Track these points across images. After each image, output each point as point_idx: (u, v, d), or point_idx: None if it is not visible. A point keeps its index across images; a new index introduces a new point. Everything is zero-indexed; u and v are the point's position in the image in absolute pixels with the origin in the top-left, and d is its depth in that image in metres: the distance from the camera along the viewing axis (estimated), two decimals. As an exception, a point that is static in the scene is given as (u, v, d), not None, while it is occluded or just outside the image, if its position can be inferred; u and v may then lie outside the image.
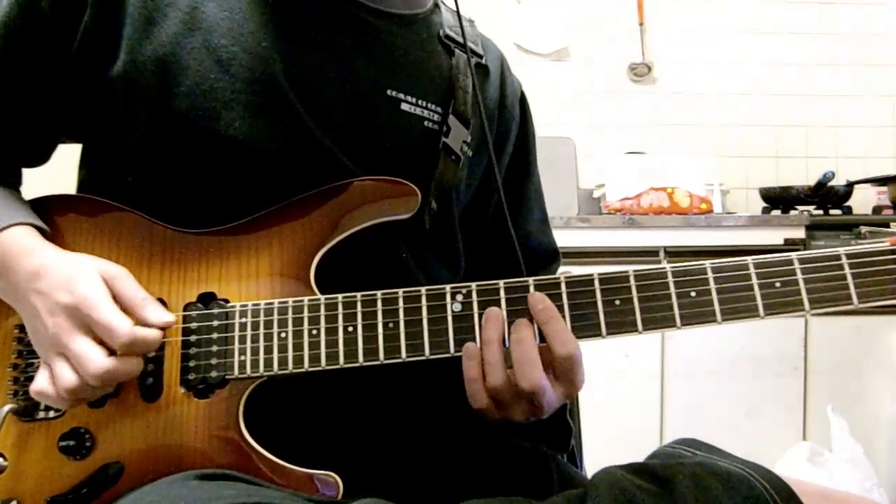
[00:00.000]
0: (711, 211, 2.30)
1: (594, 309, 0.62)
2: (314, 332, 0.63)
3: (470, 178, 0.81)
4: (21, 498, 0.62)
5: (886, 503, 1.98)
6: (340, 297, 0.64)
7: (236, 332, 0.64)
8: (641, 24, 2.79)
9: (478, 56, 0.83)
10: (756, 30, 2.81)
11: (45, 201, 0.70)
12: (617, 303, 0.61)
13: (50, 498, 0.62)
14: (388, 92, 0.73)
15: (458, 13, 0.81)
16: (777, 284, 0.60)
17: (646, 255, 2.13)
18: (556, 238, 0.94)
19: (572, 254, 2.08)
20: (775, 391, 2.13)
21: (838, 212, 2.37)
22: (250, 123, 0.66)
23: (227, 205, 0.67)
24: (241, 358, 0.63)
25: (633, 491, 0.55)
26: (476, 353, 0.62)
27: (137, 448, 0.62)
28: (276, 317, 0.64)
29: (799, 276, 0.60)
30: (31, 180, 0.76)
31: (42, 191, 0.72)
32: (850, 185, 2.38)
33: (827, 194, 2.35)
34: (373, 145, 0.71)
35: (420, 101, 0.75)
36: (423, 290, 0.63)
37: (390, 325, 0.63)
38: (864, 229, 2.15)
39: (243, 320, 0.64)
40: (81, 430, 0.63)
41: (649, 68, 2.78)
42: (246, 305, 0.64)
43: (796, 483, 0.56)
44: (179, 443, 0.62)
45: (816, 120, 2.82)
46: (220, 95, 0.66)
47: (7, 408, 0.63)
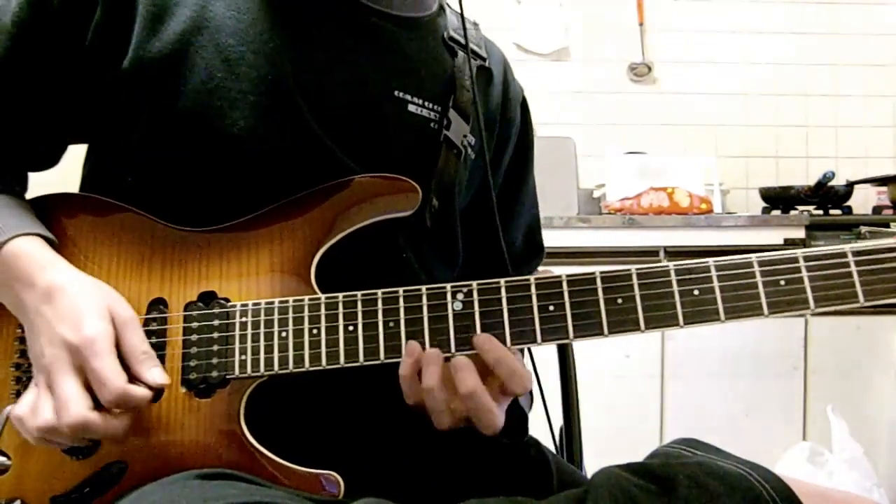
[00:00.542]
0: (711, 211, 2.29)
1: (596, 307, 0.61)
2: (315, 331, 0.63)
3: (470, 180, 0.81)
4: (25, 497, 0.62)
5: (886, 503, 1.98)
6: (341, 296, 0.64)
7: (237, 332, 0.64)
8: (641, 24, 2.79)
9: (481, 59, 0.83)
10: (756, 30, 2.81)
11: (47, 200, 0.70)
12: (619, 301, 0.61)
13: (53, 497, 0.62)
14: (396, 93, 0.73)
15: (463, 16, 0.81)
16: (782, 282, 0.59)
17: (646, 255, 2.13)
18: (556, 238, 0.94)
19: (572, 254, 2.08)
20: (775, 391, 2.13)
21: (838, 212, 2.36)
22: (255, 123, 0.66)
23: (228, 204, 0.67)
24: (242, 357, 0.63)
25: (633, 491, 0.55)
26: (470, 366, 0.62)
27: (140, 447, 0.62)
28: (276, 316, 0.64)
29: (804, 273, 0.59)
30: (34, 179, 0.76)
31: (45, 189, 0.72)
32: (850, 185, 2.38)
33: (827, 194, 2.35)
34: (379, 146, 0.72)
35: (426, 103, 0.75)
36: (424, 288, 0.63)
37: (391, 324, 0.63)
38: (864, 229, 2.14)
39: (244, 320, 0.64)
40: (83, 430, 0.63)
41: (649, 68, 2.78)
42: (246, 305, 0.64)
43: (796, 483, 0.56)
44: (181, 442, 0.62)
45: (816, 120, 2.82)
46: (227, 94, 0.66)
47: (9, 408, 0.63)
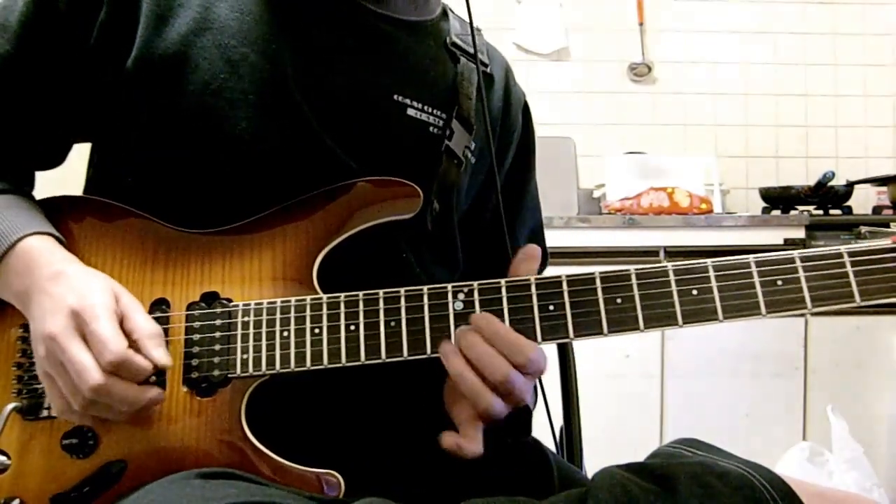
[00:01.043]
0: (711, 211, 2.30)
1: (596, 307, 0.61)
2: (316, 330, 0.63)
3: (471, 184, 0.81)
4: (24, 496, 0.62)
5: (886, 503, 1.98)
6: (343, 296, 0.64)
7: (239, 331, 0.64)
8: (641, 24, 2.79)
9: (483, 64, 0.83)
10: (756, 30, 2.81)
11: (52, 202, 0.70)
12: (618, 301, 0.61)
13: (53, 496, 0.62)
14: (395, 97, 0.73)
15: (471, 22, 0.81)
16: (779, 282, 0.59)
17: (646, 255, 2.13)
18: (556, 238, 0.94)
19: (572, 254, 2.08)
20: (775, 391, 2.14)
21: (838, 212, 2.37)
22: (257, 124, 0.67)
23: (229, 204, 0.68)
24: (244, 356, 0.63)
25: (634, 490, 0.56)
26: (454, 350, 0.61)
27: (140, 447, 0.62)
28: (278, 315, 0.64)
29: (801, 273, 0.59)
30: (39, 179, 0.76)
31: (50, 190, 0.73)
32: (850, 185, 2.38)
33: (827, 194, 2.35)
34: (378, 149, 0.72)
35: (426, 107, 0.75)
36: (426, 289, 0.63)
37: (392, 323, 0.63)
38: (864, 229, 2.14)
39: (246, 319, 0.64)
40: (85, 429, 0.63)
41: (649, 68, 2.78)
42: (248, 304, 0.65)
43: (797, 483, 0.56)
44: (182, 441, 0.62)
45: (816, 120, 2.82)
46: (229, 95, 0.66)
47: (10, 406, 0.63)
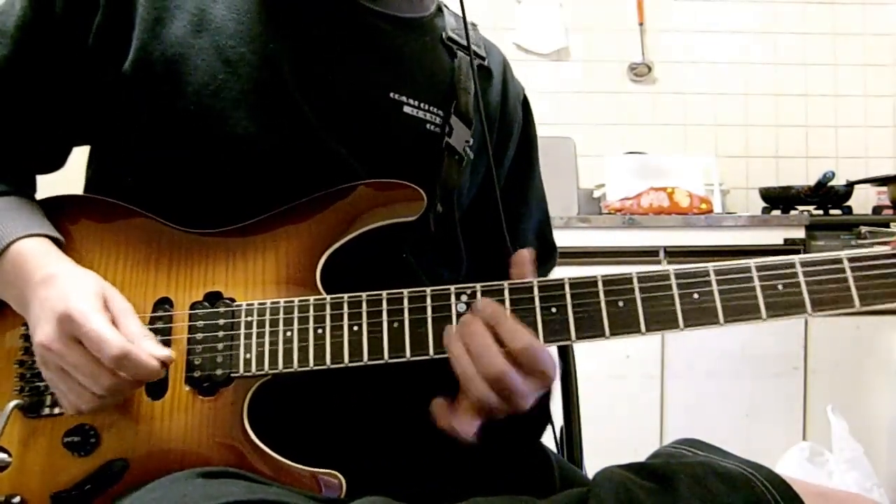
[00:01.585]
0: (711, 211, 2.30)
1: (598, 309, 0.62)
2: (319, 330, 0.63)
3: (472, 181, 0.81)
4: (25, 493, 0.63)
5: (886, 503, 1.98)
6: (346, 296, 0.64)
7: (242, 331, 0.64)
8: (641, 24, 2.79)
9: (480, 58, 0.83)
10: (756, 30, 2.81)
11: (56, 201, 0.70)
12: (620, 304, 0.61)
13: (54, 494, 0.62)
14: (391, 95, 0.73)
15: (464, 17, 0.81)
16: (779, 287, 0.60)
17: (646, 255, 2.13)
18: (556, 238, 0.94)
19: (572, 254, 2.08)
20: (775, 391, 2.14)
21: (838, 212, 2.37)
22: (256, 124, 0.67)
23: (229, 204, 0.68)
24: (247, 356, 0.63)
25: (634, 490, 0.56)
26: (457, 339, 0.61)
27: (142, 445, 0.62)
28: (281, 315, 0.64)
29: (801, 278, 0.60)
30: (40, 180, 0.76)
31: (49, 190, 0.73)
32: (850, 185, 2.38)
33: (827, 194, 2.35)
34: (376, 147, 0.72)
35: (422, 105, 0.75)
36: (429, 290, 0.63)
37: (395, 324, 0.63)
38: (864, 229, 2.14)
39: (249, 319, 0.64)
40: (86, 427, 0.63)
41: (649, 68, 2.78)
42: (252, 304, 0.65)
43: (797, 483, 0.56)
44: (184, 440, 0.62)
45: (816, 120, 2.82)
46: (228, 95, 0.66)
47: (13, 404, 0.63)
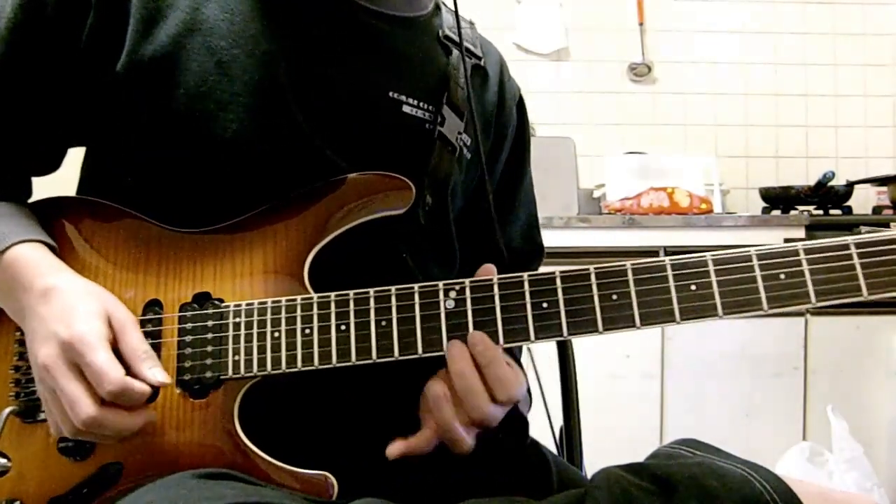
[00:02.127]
0: (711, 211, 2.29)
1: (590, 304, 0.60)
2: (307, 331, 0.63)
3: (466, 181, 0.81)
4: (24, 498, 0.63)
5: (886, 503, 1.98)
6: (333, 295, 0.63)
7: (230, 333, 0.64)
8: (641, 24, 2.79)
9: (476, 58, 0.83)
10: (756, 30, 2.81)
11: (44, 204, 0.70)
12: (614, 297, 0.60)
13: (51, 498, 0.62)
14: (391, 94, 0.73)
15: (457, 14, 0.81)
16: (781, 276, 0.57)
17: (646, 255, 2.13)
18: (556, 238, 0.94)
19: (572, 254, 2.08)
20: (775, 391, 2.13)
21: (838, 212, 2.37)
22: (248, 125, 0.66)
23: (225, 205, 0.67)
24: (235, 358, 0.63)
25: (633, 491, 0.55)
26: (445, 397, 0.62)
27: (136, 449, 0.62)
28: (269, 316, 0.63)
29: (805, 266, 0.57)
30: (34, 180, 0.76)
31: (42, 189, 0.72)
32: (850, 185, 2.38)
33: (827, 194, 2.35)
34: (372, 147, 0.71)
35: (420, 103, 0.75)
36: (416, 286, 0.63)
37: (383, 323, 0.62)
38: (863, 229, 2.14)
39: (237, 320, 0.64)
40: (81, 431, 0.63)
41: (649, 68, 2.78)
42: (239, 305, 0.64)
43: (797, 483, 0.56)
44: (177, 443, 0.62)
45: (816, 120, 2.81)
46: (219, 97, 0.66)
47: (8, 410, 0.63)
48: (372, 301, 0.63)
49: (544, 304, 0.61)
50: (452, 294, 0.62)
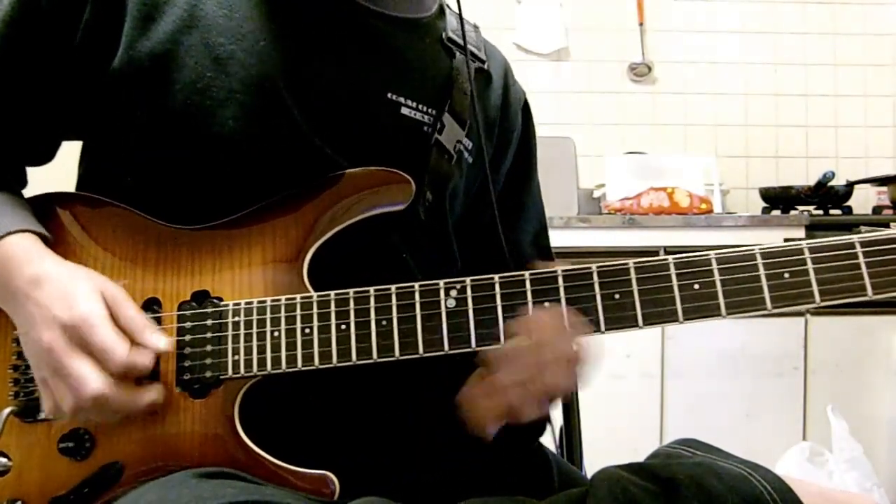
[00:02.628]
0: (711, 211, 2.29)
1: (593, 303, 0.60)
2: (307, 330, 0.62)
3: (469, 185, 0.80)
4: (25, 498, 0.63)
5: (886, 503, 1.97)
6: (333, 294, 0.63)
7: (230, 332, 0.63)
8: (641, 24, 2.79)
9: (480, 61, 0.82)
10: (756, 30, 2.81)
11: (43, 199, 0.70)
12: (616, 296, 0.59)
13: (52, 498, 0.62)
14: (389, 95, 0.72)
15: (461, 17, 0.80)
16: (786, 275, 0.57)
17: (646, 255, 2.11)
18: (556, 238, 0.93)
19: (572, 254, 2.08)
20: (775, 391, 2.13)
21: (838, 212, 2.36)
22: (246, 123, 0.66)
23: (224, 204, 0.67)
24: (235, 358, 0.63)
25: (633, 491, 0.55)
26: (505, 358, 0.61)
27: (136, 448, 0.62)
28: (268, 315, 0.63)
29: (809, 265, 0.56)
30: (31, 175, 0.76)
31: (42, 185, 0.72)
32: (850, 185, 2.38)
33: (827, 194, 2.34)
34: (370, 148, 0.71)
35: (420, 106, 0.74)
36: (417, 285, 0.62)
37: (383, 322, 0.62)
38: (864, 229, 2.14)
39: (236, 319, 0.64)
40: (81, 431, 0.63)
41: (649, 68, 2.78)
42: (239, 304, 0.64)
43: (797, 483, 0.56)
44: (177, 442, 0.62)
45: (816, 120, 2.81)
46: (216, 94, 0.66)
47: (7, 410, 0.63)
48: (372, 300, 0.62)
49: (546, 304, 0.60)
50: (453, 293, 0.62)
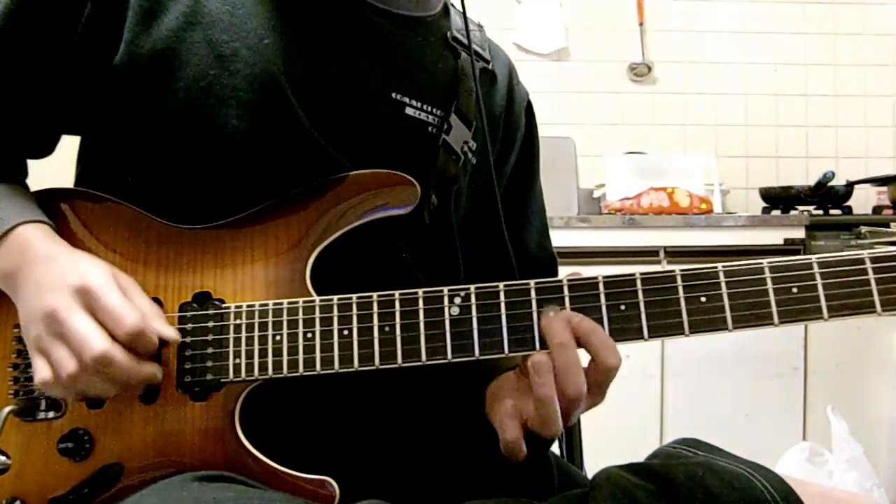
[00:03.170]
0: (711, 211, 2.29)
1: (598, 314, 0.59)
2: (309, 335, 0.62)
3: (473, 185, 0.80)
4: (25, 497, 0.62)
5: (886, 503, 1.97)
6: (336, 299, 0.62)
7: (231, 335, 0.63)
8: (641, 24, 2.79)
9: (484, 61, 0.82)
10: (756, 30, 2.81)
11: (45, 195, 0.69)
12: (622, 308, 0.59)
13: (53, 498, 0.62)
14: (393, 95, 0.72)
15: (465, 17, 0.80)
16: (794, 290, 0.56)
17: (646, 255, 2.13)
18: (556, 238, 0.93)
19: (572, 254, 2.08)
20: (775, 391, 2.13)
21: (838, 212, 2.36)
22: (248, 121, 0.65)
23: (227, 204, 0.67)
24: (236, 361, 0.62)
25: (634, 491, 0.55)
26: (549, 366, 0.58)
27: (136, 449, 0.62)
28: (270, 319, 0.63)
29: (818, 280, 0.55)
30: (34, 176, 0.76)
31: (41, 181, 0.72)
32: (850, 185, 2.38)
33: (827, 194, 2.35)
34: (374, 148, 0.70)
35: (425, 106, 0.73)
36: (421, 292, 0.62)
37: (386, 328, 0.61)
38: (864, 229, 2.14)
39: (238, 322, 0.63)
40: (80, 432, 0.62)
41: (649, 68, 2.78)
42: (240, 307, 0.63)
43: (797, 483, 0.56)
44: (178, 445, 0.62)
45: (816, 120, 2.82)
46: (219, 92, 0.65)
47: (7, 409, 0.63)
48: (375, 306, 0.62)
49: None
50: (457, 300, 0.61)
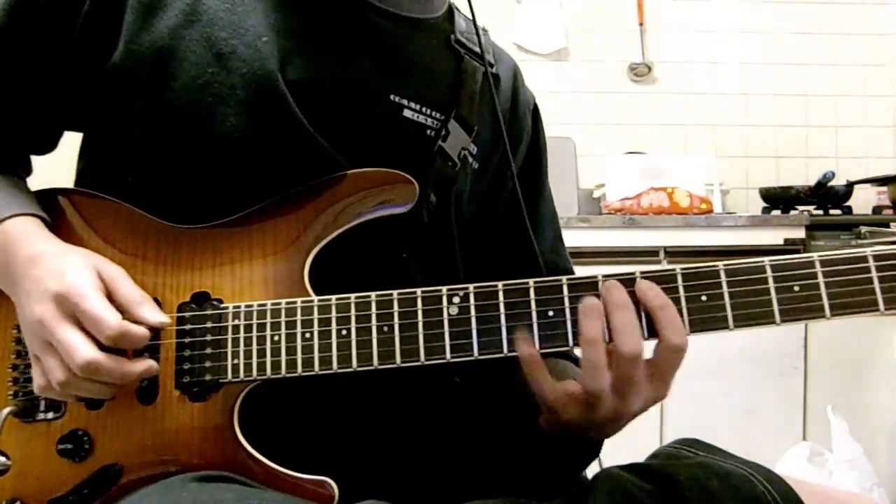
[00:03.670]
0: (711, 211, 2.29)
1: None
2: (307, 335, 0.62)
3: (475, 190, 0.79)
4: (25, 498, 0.62)
5: (886, 503, 1.97)
6: (334, 298, 0.62)
7: (229, 335, 0.63)
8: (641, 24, 2.79)
9: (490, 65, 0.81)
10: (756, 30, 2.81)
11: (45, 194, 0.69)
12: None
13: (52, 499, 0.62)
14: (392, 97, 0.71)
15: (475, 22, 0.79)
16: (796, 288, 0.55)
17: (646, 255, 2.12)
18: (556, 238, 0.93)
19: (572, 254, 2.05)
20: (775, 391, 2.13)
21: (838, 212, 2.36)
22: (246, 120, 0.65)
23: (226, 204, 0.67)
24: (235, 361, 0.62)
25: (634, 491, 0.55)
26: (599, 310, 0.57)
27: (135, 450, 0.62)
28: (268, 319, 0.62)
29: (820, 279, 0.55)
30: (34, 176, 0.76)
31: (41, 181, 0.72)
32: (850, 185, 2.38)
33: (827, 194, 2.35)
34: (371, 149, 0.70)
35: (424, 109, 0.73)
36: (419, 291, 0.61)
37: (385, 328, 0.61)
38: (864, 229, 2.14)
39: (236, 322, 0.63)
40: (80, 433, 0.62)
41: (649, 68, 2.78)
42: (239, 307, 0.63)
43: (797, 483, 0.56)
44: (176, 445, 0.62)
45: (816, 120, 2.82)
46: (216, 90, 0.65)
47: (6, 410, 0.63)
48: (374, 306, 0.61)
49: (550, 313, 0.59)
50: (456, 300, 0.60)
